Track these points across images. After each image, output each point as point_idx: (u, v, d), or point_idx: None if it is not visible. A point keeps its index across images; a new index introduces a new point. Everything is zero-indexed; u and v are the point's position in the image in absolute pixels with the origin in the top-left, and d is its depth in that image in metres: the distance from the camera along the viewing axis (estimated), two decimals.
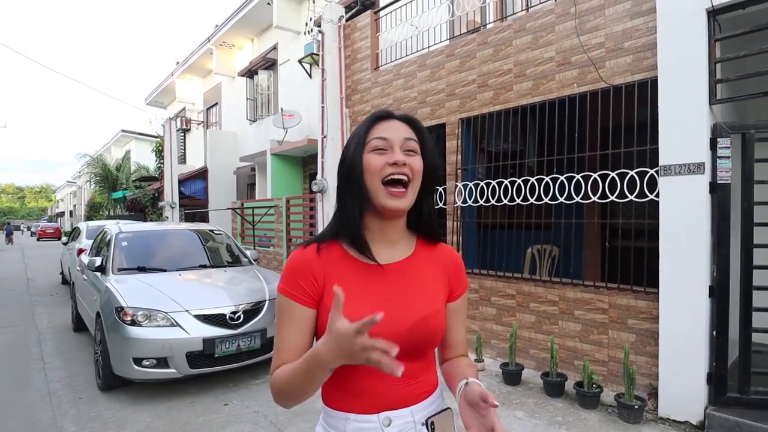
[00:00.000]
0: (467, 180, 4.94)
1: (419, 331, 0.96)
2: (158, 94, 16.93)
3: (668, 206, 3.23)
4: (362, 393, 0.96)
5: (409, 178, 0.97)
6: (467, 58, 4.99)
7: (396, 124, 1.01)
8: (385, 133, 0.99)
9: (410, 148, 0.99)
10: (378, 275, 1.00)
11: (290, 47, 9.67)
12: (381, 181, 0.96)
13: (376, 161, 0.97)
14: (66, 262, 9.41)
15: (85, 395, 3.90)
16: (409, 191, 0.97)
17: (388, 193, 0.96)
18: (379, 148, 0.98)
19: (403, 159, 0.96)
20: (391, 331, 0.91)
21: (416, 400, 0.99)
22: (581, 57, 3.96)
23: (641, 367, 3.43)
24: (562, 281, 4.06)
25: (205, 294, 4.25)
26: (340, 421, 0.98)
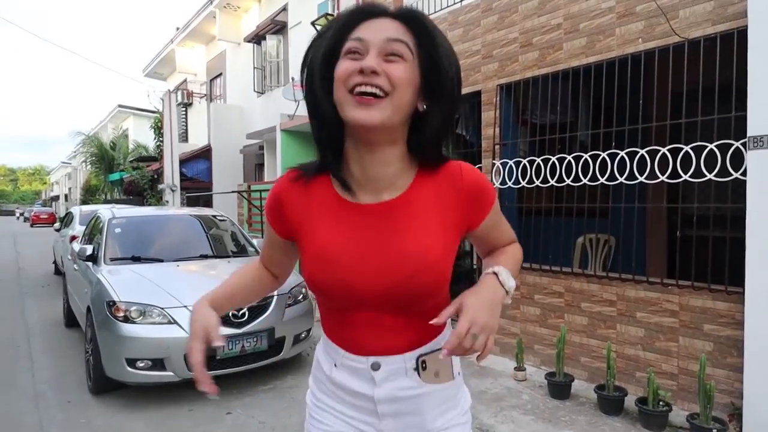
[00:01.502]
0: (507, 158, 4.75)
1: (411, 287, 0.92)
2: (157, 65, 17.09)
3: (759, 187, 2.98)
4: (352, 337, 1.01)
5: (383, 90, 0.84)
6: (507, 12, 4.74)
7: (383, 23, 0.88)
8: (363, 32, 0.87)
9: (393, 51, 0.85)
10: (362, 218, 0.95)
11: (302, 8, 9.52)
12: (347, 91, 0.85)
13: (344, 67, 0.86)
14: (59, 250, 9.64)
15: (74, 399, 3.94)
16: (384, 102, 0.84)
17: (354, 102, 0.84)
18: (352, 51, 0.86)
19: (372, 65, 0.83)
20: (374, 284, 0.92)
21: (411, 347, 0.99)
22: (648, 6, 3.69)
23: (720, 382, 3.22)
24: (621, 277, 3.85)
25: (206, 288, 4.09)
26: (334, 352, 1.05)
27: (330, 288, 0.95)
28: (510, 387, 3.98)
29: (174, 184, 11.98)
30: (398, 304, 0.95)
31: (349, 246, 0.94)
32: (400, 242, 0.93)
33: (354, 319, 0.98)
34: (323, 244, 0.95)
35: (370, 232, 0.94)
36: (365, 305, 0.95)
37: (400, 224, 0.94)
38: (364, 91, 0.84)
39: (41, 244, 17.65)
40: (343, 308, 0.99)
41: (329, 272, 0.94)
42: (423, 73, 0.88)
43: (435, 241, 0.94)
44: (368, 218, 0.95)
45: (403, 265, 0.92)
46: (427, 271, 0.93)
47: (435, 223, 0.95)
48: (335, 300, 0.98)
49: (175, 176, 12.02)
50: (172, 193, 11.94)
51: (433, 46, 0.88)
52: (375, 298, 0.93)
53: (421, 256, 0.92)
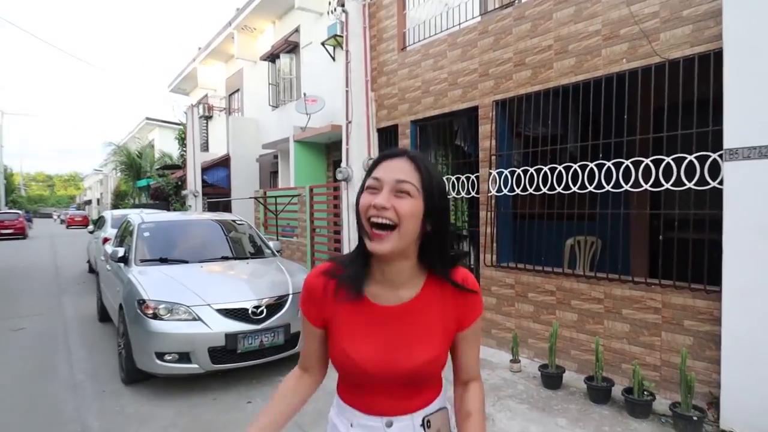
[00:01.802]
0: (502, 167, 4.73)
1: (415, 375, 1.05)
2: (181, 81, 17.11)
3: (734, 195, 2.96)
4: (365, 403, 1.09)
5: (393, 222, 0.96)
6: (502, 34, 4.73)
7: (396, 164, 1.00)
8: (380, 173, 1.00)
9: (402, 189, 0.98)
10: (380, 317, 1.05)
11: (313, 29, 9.51)
12: (366, 220, 0.99)
13: (364, 201, 1.00)
14: (92, 251, 9.65)
15: (108, 388, 3.95)
16: (392, 235, 0.97)
17: (372, 235, 0.98)
18: (371, 188, 1.00)
19: (383, 202, 0.96)
20: (386, 377, 1.04)
21: (418, 408, 1.09)
22: (632, 29, 3.67)
23: (700, 373, 3.20)
24: (608, 277, 3.83)
25: (227, 287, 4.21)
26: (349, 414, 1.11)
27: (351, 372, 1.06)
28: (506, 378, 3.97)
29: (196, 190, 12.00)
30: (407, 384, 1.07)
31: (368, 343, 1.05)
32: (418, 337, 1.05)
33: (370, 389, 1.07)
34: (348, 342, 1.05)
35: (386, 332, 1.05)
36: (378, 384, 1.06)
37: (414, 323, 1.05)
38: (376, 223, 0.97)
39: (76, 244, 17.74)
40: (359, 384, 1.08)
41: (350, 363, 1.05)
42: (426, 205, 0.99)
43: (436, 341, 1.06)
44: (385, 318, 1.05)
45: (410, 361, 1.03)
46: (429, 365, 1.05)
47: (437, 324, 1.07)
48: (353, 380, 1.08)
49: (197, 183, 12.05)
50: (195, 199, 11.95)
51: (431, 183, 1.00)
52: (388, 381, 1.05)
53: (432, 349, 1.05)
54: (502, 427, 3.18)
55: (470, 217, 5.75)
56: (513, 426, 3.17)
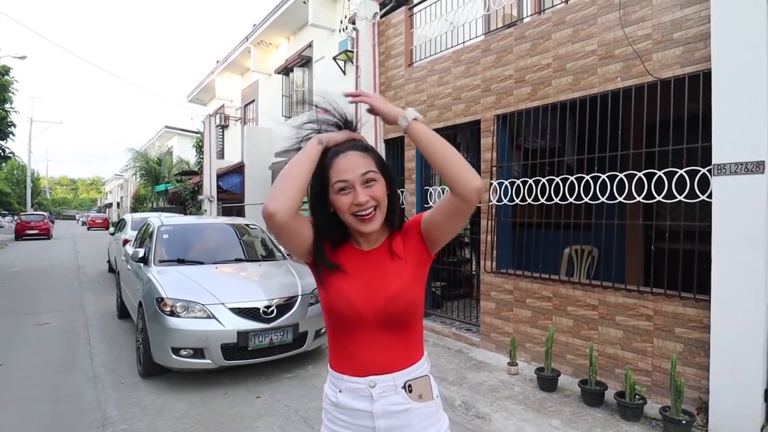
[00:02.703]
0: (503, 178, 4.77)
1: (393, 304, 1.15)
2: (199, 92, 17.31)
3: (722, 208, 2.98)
4: (353, 359, 1.18)
5: (374, 207, 1.14)
6: (504, 53, 4.79)
7: (351, 160, 1.14)
8: (344, 175, 1.13)
9: (370, 179, 1.14)
10: (362, 259, 1.21)
11: (325, 45, 9.64)
12: (352, 215, 1.14)
13: (343, 201, 1.14)
14: (112, 251, 9.77)
15: (127, 380, 4.01)
16: (377, 214, 1.15)
17: (359, 221, 1.14)
18: (343, 190, 1.14)
19: (364, 199, 1.12)
20: (371, 304, 1.16)
21: (399, 367, 1.17)
22: (626, 50, 3.72)
23: (689, 379, 3.20)
24: (603, 284, 3.84)
25: (240, 287, 4.27)
26: (338, 381, 1.20)
27: (343, 310, 1.17)
28: (504, 380, 3.99)
29: (212, 196, 12.13)
30: (386, 320, 1.16)
31: (355, 280, 1.19)
32: (382, 276, 1.19)
33: (356, 338, 1.17)
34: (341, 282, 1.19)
35: (366, 270, 1.20)
36: (364, 323, 1.16)
37: (383, 265, 1.20)
38: (362, 215, 1.14)
39: (97, 245, 17.93)
40: (350, 328, 1.18)
41: (343, 300, 1.17)
42: (385, 179, 1.18)
43: (402, 274, 1.19)
44: (365, 260, 1.21)
45: (386, 290, 1.17)
46: (405, 291, 1.17)
47: (403, 263, 1.21)
48: (344, 319, 1.18)
49: (213, 188, 12.18)
50: (210, 204, 12.08)
51: (384, 163, 1.19)
52: (371, 316, 1.15)
53: (400, 280, 1.18)
54: (499, 426, 3.20)
55: (472, 225, 5.79)
56: (509, 426, 3.19)
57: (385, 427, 1.16)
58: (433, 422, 1.20)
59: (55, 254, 15.13)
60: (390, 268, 1.19)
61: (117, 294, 6.41)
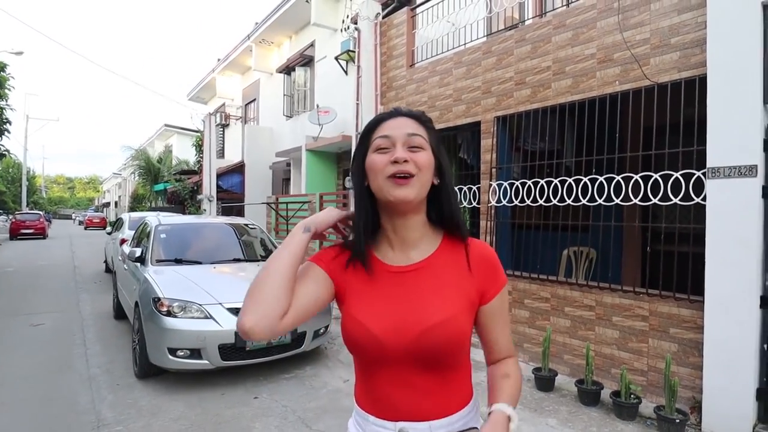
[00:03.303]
0: (502, 179, 4.86)
1: (430, 340, 0.91)
2: (200, 90, 17.44)
3: (716, 210, 3.07)
4: (380, 399, 0.97)
5: (413, 173, 0.94)
6: (504, 55, 4.89)
7: (400, 121, 0.98)
8: (387, 131, 0.97)
9: (415, 144, 0.96)
10: (392, 278, 0.98)
11: (327, 44, 9.75)
12: (386, 177, 0.94)
13: (379, 160, 0.95)
14: (109, 251, 9.80)
15: (122, 382, 4.02)
16: (414, 181, 0.94)
17: (394, 183, 0.93)
18: (382, 148, 0.96)
19: (404, 155, 0.93)
20: (398, 337, 0.92)
21: (437, 415, 0.95)
22: (624, 54, 3.81)
23: (683, 378, 3.28)
24: (600, 285, 3.92)
25: (238, 287, 4.29)
26: (363, 420, 1.00)
27: (363, 344, 0.94)
28: None
29: (211, 195, 12.22)
30: (421, 357, 0.93)
31: (377, 305, 0.95)
32: (432, 295, 0.95)
33: (384, 377, 0.95)
34: (359, 308, 0.96)
35: (396, 291, 0.96)
36: (391, 360, 0.94)
37: (422, 285, 0.97)
38: (400, 175, 0.93)
39: (93, 244, 17.96)
40: (374, 365, 0.96)
41: (362, 331, 0.94)
42: (435, 159, 0.99)
43: (452, 300, 0.95)
44: (397, 279, 0.97)
45: (423, 319, 0.92)
46: (452, 321, 0.93)
47: (453, 285, 0.97)
48: (365, 354, 0.96)
49: (212, 188, 12.27)
50: (210, 203, 12.17)
51: (436, 138, 1.01)
52: (398, 352, 0.92)
53: (447, 307, 0.94)
54: None
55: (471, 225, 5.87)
56: None
57: None
58: None
59: (50, 254, 15.17)
60: (433, 290, 0.96)
61: (113, 294, 6.42)
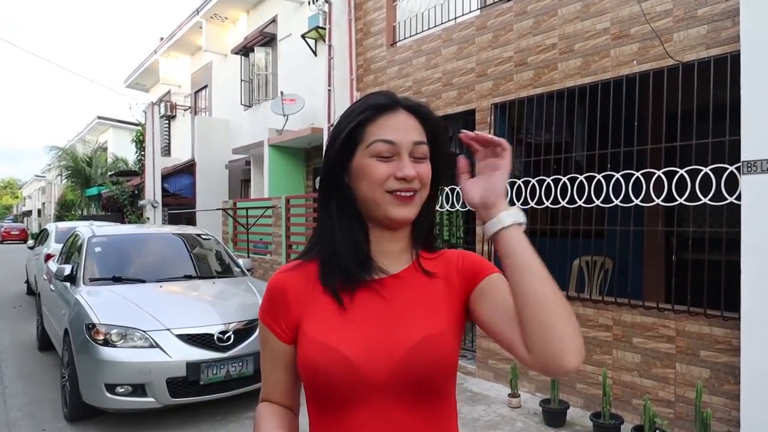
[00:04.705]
0: None
1: (418, 359, 0.87)
2: (139, 75, 17.15)
3: (753, 211, 3.09)
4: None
5: (416, 190, 0.93)
6: (502, 31, 4.89)
7: (404, 120, 0.94)
8: (392, 135, 0.92)
9: (422, 154, 0.93)
10: (367, 291, 0.94)
11: (292, 20, 9.67)
12: (385, 192, 0.91)
13: (380, 171, 0.91)
14: (32, 268, 9.56)
15: (49, 426, 3.92)
16: (417, 198, 0.93)
17: (395, 200, 0.91)
18: (384, 155, 0.91)
19: (413, 174, 0.90)
20: (379, 361, 0.87)
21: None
22: (643, 28, 3.84)
23: (717, 410, 3.28)
24: (617, 301, 3.93)
25: (190, 310, 4.25)
26: None
27: (328, 371, 0.88)
28: (504, 414, 4.02)
29: (155, 200, 11.98)
30: (407, 384, 0.88)
31: (350, 324, 0.91)
32: (416, 308, 0.93)
33: (356, 419, 0.88)
34: (327, 332, 0.90)
35: (387, 303, 0.93)
36: (368, 392, 0.88)
37: (411, 293, 0.95)
38: (403, 193, 0.91)
39: (12, 261, 17.44)
40: (343, 403, 0.89)
41: (329, 358, 0.88)
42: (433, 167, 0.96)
43: (443, 310, 0.94)
44: (372, 292, 0.94)
45: (408, 336, 0.89)
46: (432, 342, 0.89)
47: (440, 295, 0.96)
48: (334, 388, 0.88)
49: (156, 192, 12.02)
50: (154, 210, 11.92)
51: (441, 140, 0.98)
52: (379, 379, 0.87)
53: (435, 321, 0.91)
54: None
55: (466, 232, 5.84)
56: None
57: None
58: None
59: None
60: (417, 302, 0.93)
61: (37, 321, 6.28)
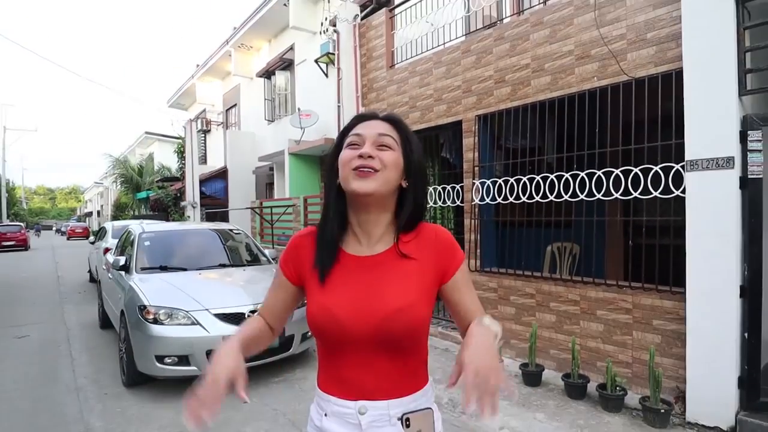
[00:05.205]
0: (485, 177, 4.85)
1: (392, 324, 0.97)
2: (179, 97, 17.16)
3: (696, 202, 3.09)
4: (342, 380, 1.02)
5: (376, 169, 1.00)
6: (483, 53, 4.88)
7: (374, 123, 1.05)
8: (360, 130, 1.04)
9: (383, 143, 1.02)
10: (355, 267, 1.04)
11: (306, 47, 9.65)
12: (350, 169, 1.00)
13: (347, 154, 1.02)
14: (93, 260, 9.62)
15: (110, 391, 3.97)
16: (378, 176, 0.99)
17: (356, 175, 0.99)
18: (353, 144, 1.03)
19: (369, 151, 0.99)
20: (361, 322, 0.98)
21: (395, 394, 1.01)
22: (601, 50, 3.83)
23: (667, 369, 3.30)
24: (584, 280, 3.94)
25: (224, 293, 4.27)
26: (325, 403, 1.05)
27: (326, 326, 1.00)
28: None
29: (195, 202, 12.02)
30: (383, 341, 0.98)
31: (343, 292, 1.01)
32: (392, 284, 1.01)
33: (347, 359, 1.01)
34: (323, 293, 1.02)
35: (361, 280, 1.02)
36: (355, 343, 0.99)
37: (385, 274, 1.02)
38: (363, 168, 0.99)
39: (76, 255, 17.57)
40: (338, 349, 1.02)
41: (326, 314, 1.00)
42: (405, 160, 1.04)
43: (412, 289, 1.01)
44: (361, 268, 1.04)
45: (385, 305, 0.98)
46: (412, 308, 0.98)
47: (413, 273, 1.03)
48: (330, 338, 1.02)
49: (195, 194, 12.06)
50: (193, 210, 11.97)
51: (409, 141, 1.06)
52: (362, 336, 0.98)
53: (407, 295, 0.99)
54: (484, 421, 3.26)
55: (456, 225, 5.86)
56: (495, 421, 3.25)
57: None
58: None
59: (33, 265, 14.81)
60: (394, 279, 1.01)
61: (99, 304, 6.31)
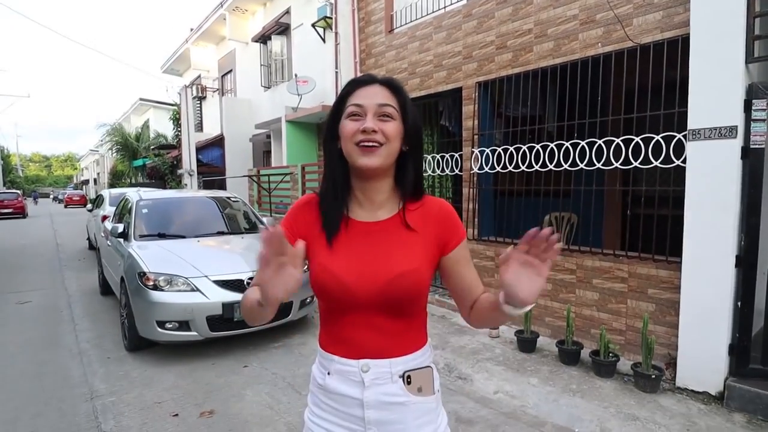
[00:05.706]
0: (484, 146, 4.78)
1: (396, 288, 0.99)
2: (174, 62, 16.72)
3: (696, 172, 3.06)
4: (345, 340, 1.04)
5: (380, 143, 1.00)
6: (485, 18, 4.72)
7: (374, 90, 1.03)
8: (361, 99, 1.02)
9: (385, 113, 1.01)
10: (360, 232, 1.05)
11: (303, 11, 9.33)
12: (354, 144, 1.01)
13: (350, 127, 1.01)
14: (91, 228, 9.60)
15: (113, 355, 4.02)
16: (381, 150, 1.00)
17: (361, 151, 1.00)
18: (354, 114, 1.02)
19: (372, 126, 0.99)
20: (366, 285, 1.00)
21: (397, 353, 1.03)
22: (607, 14, 3.70)
23: (660, 336, 3.35)
24: (581, 249, 3.94)
25: (223, 260, 4.27)
26: (327, 362, 1.07)
27: (331, 289, 1.01)
28: (485, 343, 4.12)
29: (191, 170, 11.89)
30: (386, 303, 1.01)
31: (348, 256, 1.02)
32: (396, 249, 1.03)
33: (350, 320, 1.02)
34: (327, 256, 1.03)
35: (365, 244, 1.04)
36: (359, 305, 1.01)
37: (389, 239, 1.04)
38: (366, 144, 0.99)
39: (75, 222, 17.55)
40: (341, 310, 1.03)
41: (329, 277, 1.01)
42: (404, 126, 1.04)
43: (414, 254, 1.03)
44: (365, 233, 1.05)
45: (389, 269, 1.00)
46: (414, 273, 1.01)
47: (416, 240, 1.05)
48: (335, 300, 1.03)
49: (192, 162, 11.92)
50: (190, 178, 11.86)
51: (408, 107, 1.05)
52: (366, 298, 1.00)
53: (410, 260, 1.02)
54: (480, 386, 3.33)
55: (454, 193, 5.83)
56: (490, 385, 3.32)
57: (375, 420, 1.02)
58: (431, 420, 1.07)
59: (32, 233, 14.77)
60: (398, 245, 1.03)
61: (98, 270, 6.33)
